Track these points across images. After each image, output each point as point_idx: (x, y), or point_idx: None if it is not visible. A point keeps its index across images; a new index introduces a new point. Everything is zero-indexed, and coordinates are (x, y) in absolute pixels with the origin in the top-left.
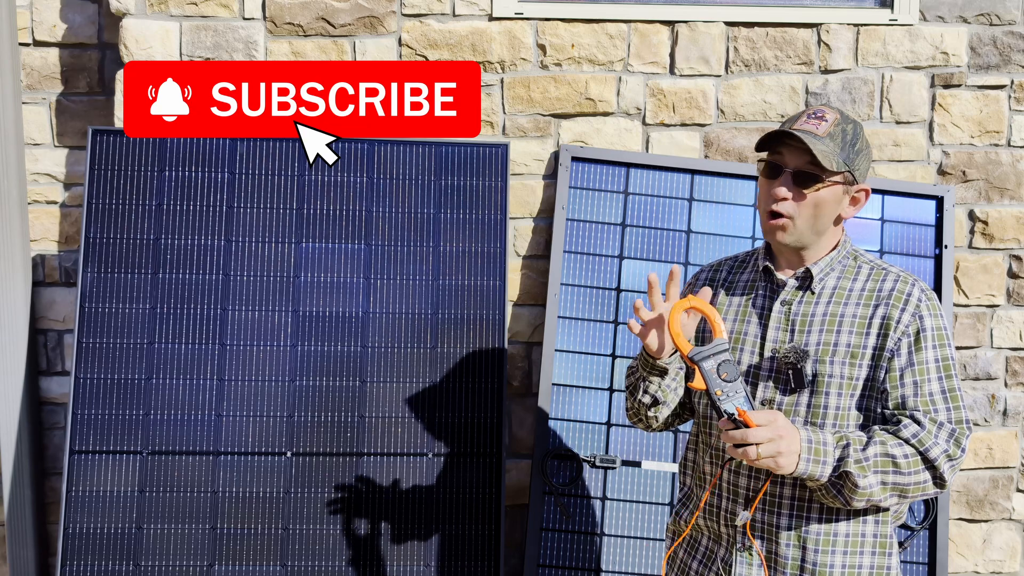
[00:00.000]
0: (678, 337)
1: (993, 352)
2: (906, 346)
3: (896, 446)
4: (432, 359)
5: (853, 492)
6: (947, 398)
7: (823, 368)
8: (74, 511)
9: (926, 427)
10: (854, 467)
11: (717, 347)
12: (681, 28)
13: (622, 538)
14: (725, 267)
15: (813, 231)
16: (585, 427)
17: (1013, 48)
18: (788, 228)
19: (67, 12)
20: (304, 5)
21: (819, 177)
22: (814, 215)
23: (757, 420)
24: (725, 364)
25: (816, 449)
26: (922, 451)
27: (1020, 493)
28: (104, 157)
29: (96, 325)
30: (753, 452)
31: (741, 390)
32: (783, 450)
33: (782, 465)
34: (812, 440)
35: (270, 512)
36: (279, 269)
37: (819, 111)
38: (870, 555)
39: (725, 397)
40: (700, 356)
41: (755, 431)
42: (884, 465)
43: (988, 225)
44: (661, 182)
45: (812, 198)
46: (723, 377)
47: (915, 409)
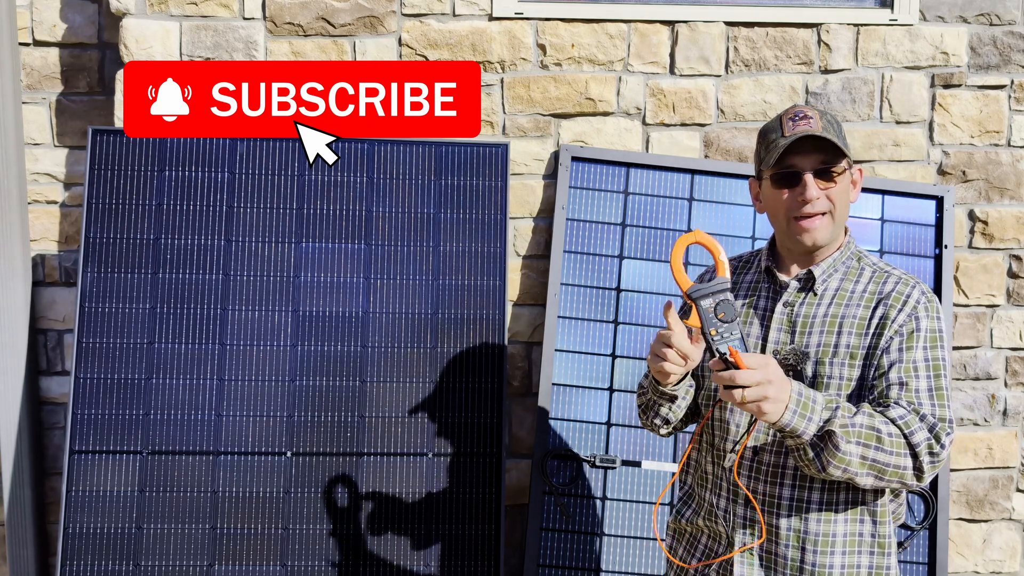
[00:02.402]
0: (679, 272)
1: (993, 352)
2: (897, 343)
3: (883, 423)
4: (432, 359)
5: (832, 456)
6: (932, 395)
7: (823, 369)
8: (74, 511)
9: (910, 415)
10: (839, 429)
11: (717, 285)
12: (681, 28)
13: (622, 538)
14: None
15: (842, 222)
16: (585, 427)
17: (1013, 48)
18: (827, 225)
19: (67, 12)
20: (304, 5)
21: (834, 170)
22: (842, 204)
23: (748, 362)
24: (723, 304)
25: (804, 404)
26: (906, 433)
27: (1020, 493)
28: (104, 157)
29: (96, 325)
30: (738, 394)
31: (737, 331)
32: (770, 395)
33: (766, 411)
34: (802, 394)
35: (270, 512)
36: (279, 269)
37: (799, 112)
38: (868, 555)
39: (719, 337)
40: (699, 294)
41: (744, 373)
42: (868, 438)
43: (988, 225)
44: (661, 182)
45: (838, 188)
46: (720, 317)
47: (898, 400)
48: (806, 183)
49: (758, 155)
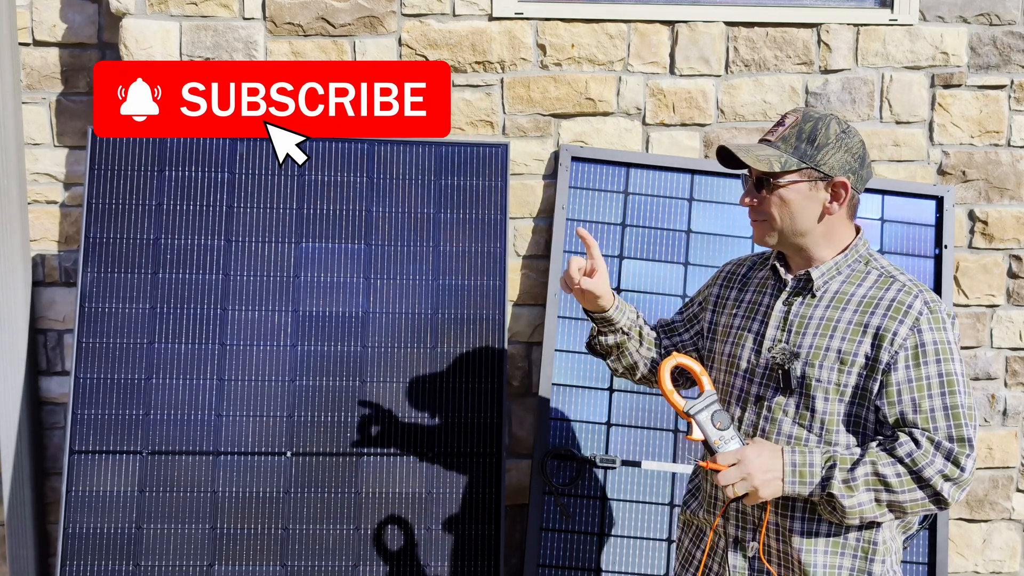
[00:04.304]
0: (671, 395)
1: (993, 352)
2: (903, 360)
3: (888, 465)
4: (432, 359)
5: (843, 512)
6: (948, 415)
7: (811, 372)
8: (74, 511)
9: (923, 446)
10: (839, 488)
11: (707, 399)
12: (681, 28)
13: (622, 538)
14: (748, 262)
15: (794, 230)
16: (585, 427)
17: (1013, 48)
18: (764, 229)
19: (67, 12)
20: (304, 5)
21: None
22: (786, 214)
23: (723, 462)
24: (717, 414)
25: (801, 472)
26: (915, 470)
27: (1020, 493)
28: (104, 157)
29: (96, 325)
30: (729, 491)
31: (736, 435)
32: (756, 484)
33: (763, 495)
34: (796, 463)
35: (270, 512)
36: (279, 269)
37: (785, 118)
38: (851, 557)
39: (723, 443)
40: (695, 410)
41: (723, 474)
42: (875, 484)
43: (988, 225)
44: (661, 182)
45: (773, 198)
46: (717, 426)
47: (914, 426)
48: (745, 189)
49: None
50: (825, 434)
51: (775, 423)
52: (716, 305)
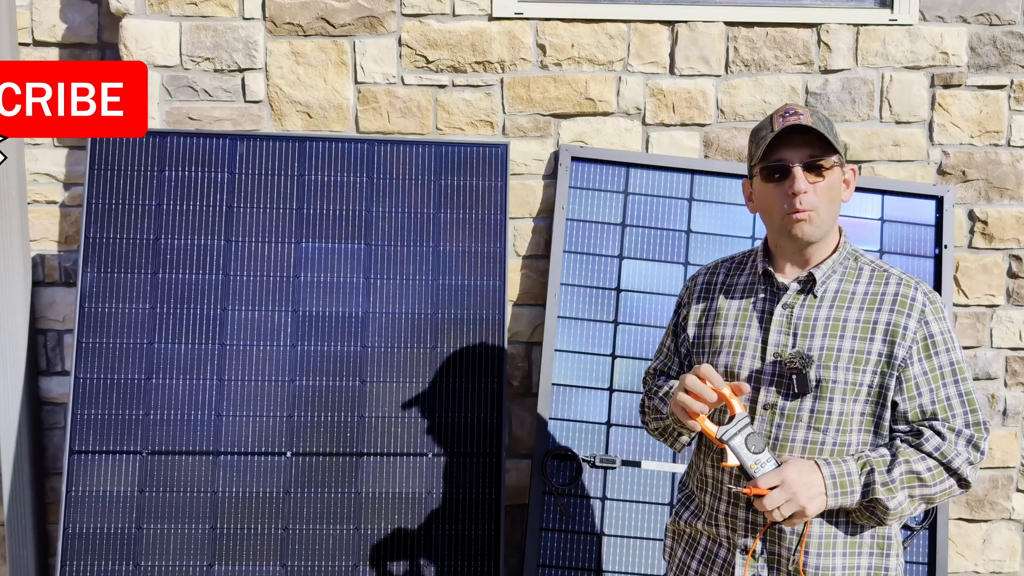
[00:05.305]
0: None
1: (993, 352)
2: (916, 354)
3: (919, 460)
4: (432, 359)
5: (887, 515)
6: (964, 402)
7: (827, 374)
8: (74, 511)
9: (947, 438)
10: (882, 492)
11: (740, 422)
12: (681, 28)
13: (622, 538)
14: (722, 269)
15: (831, 219)
16: (585, 427)
17: (1013, 48)
18: (814, 220)
19: (67, 12)
20: (304, 5)
21: (823, 164)
22: (831, 200)
23: (764, 485)
24: (751, 437)
25: (841, 482)
26: (945, 463)
27: (1020, 493)
28: (104, 157)
29: (96, 325)
30: (777, 515)
31: (771, 456)
32: (803, 503)
33: (809, 512)
34: (836, 475)
35: (270, 512)
36: (279, 269)
37: (790, 109)
38: (868, 556)
39: (759, 467)
40: (728, 436)
41: (769, 498)
42: (910, 481)
43: (988, 225)
44: (661, 182)
45: (826, 183)
46: (752, 450)
47: (934, 417)
48: (795, 176)
49: (750, 153)
50: (840, 435)
51: (790, 429)
52: (699, 319)
